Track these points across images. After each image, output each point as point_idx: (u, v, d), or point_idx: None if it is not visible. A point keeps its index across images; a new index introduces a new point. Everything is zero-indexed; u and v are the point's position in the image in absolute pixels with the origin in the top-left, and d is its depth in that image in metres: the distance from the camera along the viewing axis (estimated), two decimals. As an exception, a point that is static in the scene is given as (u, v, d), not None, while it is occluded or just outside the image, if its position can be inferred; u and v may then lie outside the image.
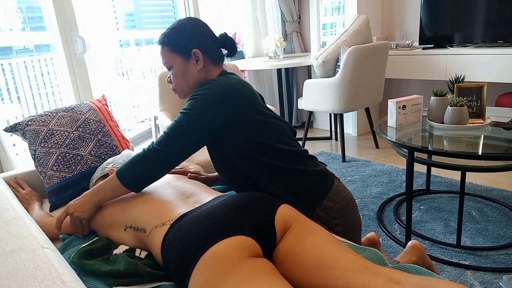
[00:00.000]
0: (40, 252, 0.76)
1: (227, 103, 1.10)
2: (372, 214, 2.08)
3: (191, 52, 1.19)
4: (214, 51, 1.23)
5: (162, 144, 1.08)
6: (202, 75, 1.22)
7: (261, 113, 1.16)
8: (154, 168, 1.08)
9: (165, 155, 1.07)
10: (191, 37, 1.19)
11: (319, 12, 3.50)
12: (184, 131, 1.08)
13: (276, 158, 1.15)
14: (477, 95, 1.68)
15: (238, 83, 1.15)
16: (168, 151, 1.07)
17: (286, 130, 1.22)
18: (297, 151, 1.19)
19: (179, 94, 1.27)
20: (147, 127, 3.79)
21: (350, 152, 3.13)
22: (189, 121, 1.08)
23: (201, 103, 1.09)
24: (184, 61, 1.20)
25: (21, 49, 3.00)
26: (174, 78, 1.23)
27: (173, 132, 1.08)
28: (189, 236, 0.87)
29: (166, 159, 1.08)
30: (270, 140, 1.15)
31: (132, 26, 4.29)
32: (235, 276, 0.78)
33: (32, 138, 1.51)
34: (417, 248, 1.24)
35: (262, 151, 1.14)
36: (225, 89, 1.11)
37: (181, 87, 1.24)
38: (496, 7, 2.69)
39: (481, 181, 2.38)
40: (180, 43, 1.19)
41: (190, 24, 1.22)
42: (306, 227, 0.94)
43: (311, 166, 1.19)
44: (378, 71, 2.83)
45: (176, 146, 1.08)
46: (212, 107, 1.09)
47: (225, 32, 1.27)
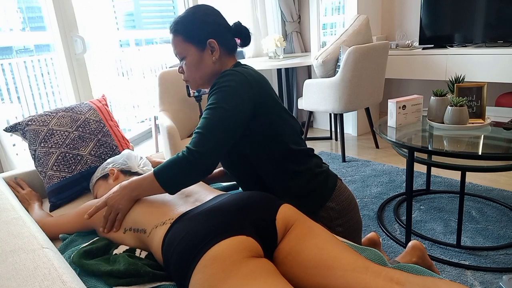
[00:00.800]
0: (40, 252, 0.76)
1: (251, 92, 1.07)
2: (372, 214, 2.08)
3: (207, 42, 1.13)
4: (228, 41, 1.18)
5: (199, 144, 1.01)
6: (217, 66, 1.17)
7: (279, 106, 1.15)
8: (194, 170, 1.01)
9: (204, 156, 1.01)
10: (206, 26, 1.13)
11: (319, 12, 3.49)
12: (218, 126, 1.02)
13: (286, 156, 1.14)
14: (477, 95, 1.68)
15: (257, 74, 1.14)
16: (205, 151, 1.01)
17: (297, 128, 1.21)
18: (304, 149, 1.19)
19: (191, 85, 1.22)
20: (147, 127, 3.79)
21: (350, 152, 3.13)
22: (220, 115, 1.02)
23: (226, 95, 1.04)
24: (199, 51, 1.14)
25: (21, 49, 3.00)
26: (187, 69, 1.17)
27: (206, 129, 1.02)
28: (190, 235, 0.86)
29: (206, 160, 1.01)
30: (284, 136, 1.14)
31: (132, 26, 4.29)
32: (235, 276, 0.78)
33: (32, 138, 1.51)
34: (418, 248, 1.23)
35: (275, 147, 1.13)
36: (248, 79, 1.08)
37: (194, 78, 1.18)
38: (496, 7, 2.69)
39: (481, 181, 2.38)
40: (194, 32, 1.13)
41: (204, 11, 1.15)
42: (307, 227, 0.94)
43: (316, 166, 1.20)
44: (378, 71, 2.83)
45: (213, 143, 1.02)
46: (238, 98, 1.05)
47: (239, 21, 1.21)
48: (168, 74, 2.36)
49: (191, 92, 2.21)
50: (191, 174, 1.02)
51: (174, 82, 2.35)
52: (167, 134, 2.00)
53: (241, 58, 3.82)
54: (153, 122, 3.11)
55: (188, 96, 2.21)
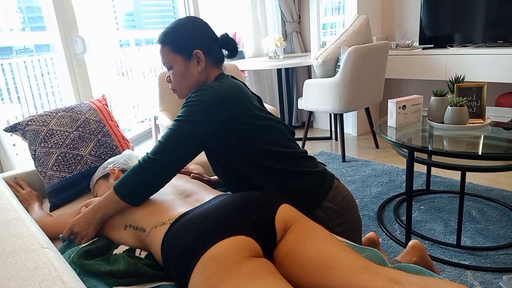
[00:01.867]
0: (40, 252, 0.76)
1: (222, 108, 1.08)
2: (372, 214, 2.08)
3: (193, 52, 1.17)
4: (215, 52, 1.22)
5: (158, 153, 1.04)
6: (203, 76, 1.20)
7: (256, 116, 1.14)
8: (152, 179, 1.04)
9: (161, 165, 1.04)
10: (192, 37, 1.17)
11: (319, 12, 3.49)
12: (181, 139, 1.05)
13: (274, 160, 1.14)
14: (477, 95, 1.68)
15: (232, 87, 1.13)
16: (165, 160, 1.04)
17: (283, 132, 1.21)
18: (295, 152, 1.18)
19: (178, 94, 1.25)
20: (147, 127, 3.79)
21: (350, 152, 3.13)
22: (184, 129, 1.06)
23: (196, 109, 1.07)
24: (185, 61, 1.18)
25: (21, 49, 3.00)
26: (174, 78, 1.21)
27: (169, 140, 1.05)
28: (189, 235, 0.86)
29: (163, 169, 1.04)
30: (267, 143, 1.14)
31: (132, 26, 4.29)
32: (235, 276, 0.78)
33: (32, 138, 1.51)
34: (418, 248, 1.24)
35: (259, 154, 1.13)
36: (219, 93, 1.09)
37: (181, 87, 1.22)
38: (496, 7, 2.69)
39: (481, 181, 2.38)
40: (181, 43, 1.17)
41: (192, 23, 1.19)
42: (307, 227, 0.94)
43: (310, 167, 1.19)
44: (378, 71, 2.83)
45: (173, 154, 1.04)
46: (207, 113, 1.06)
47: (226, 32, 1.25)
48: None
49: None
50: (149, 183, 1.04)
51: (174, 82, 2.35)
52: (167, 134, 1.99)
53: (241, 58, 3.82)
54: (153, 122, 3.11)
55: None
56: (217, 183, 1.42)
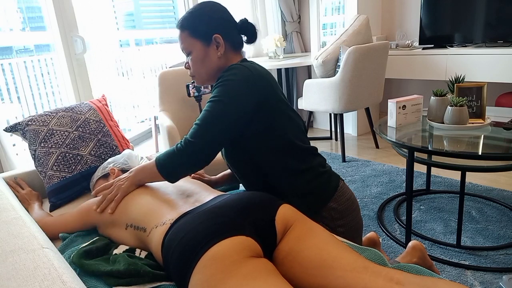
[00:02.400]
0: (40, 252, 0.76)
1: (255, 88, 1.07)
2: (372, 214, 2.08)
3: (212, 37, 1.15)
4: (234, 37, 1.19)
5: (196, 135, 1.05)
6: (222, 61, 1.18)
7: (282, 103, 1.15)
8: (192, 161, 1.05)
9: (201, 147, 1.04)
10: (212, 22, 1.15)
11: (319, 12, 3.49)
12: (217, 120, 1.05)
13: (292, 155, 1.14)
14: (477, 95, 1.68)
15: (263, 70, 1.14)
16: (203, 143, 1.04)
17: (300, 126, 1.21)
18: (309, 147, 1.19)
19: (197, 80, 1.23)
20: (147, 127, 3.79)
21: (350, 152, 3.13)
22: (220, 109, 1.05)
23: (230, 89, 1.06)
24: (205, 46, 1.16)
25: (21, 49, 3.00)
26: (193, 64, 1.19)
27: (205, 122, 1.05)
28: (190, 236, 0.86)
29: (203, 151, 1.05)
30: (288, 133, 1.14)
31: (132, 26, 4.29)
32: (235, 277, 0.78)
33: (32, 138, 1.51)
34: (418, 249, 1.23)
35: (278, 144, 1.13)
36: (252, 74, 1.08)
37: (200, 73, 1.20)
38: (496, 7, 2.69)
39: (481, 181, 2.38)
40: (200, 27, 1.15)
41: (210, 8, 1.17)
42: (307, 227, 0.94)
43: (320, 166, 1.20)
44: (378, 71, 2.83)
45: (210, 136, 1.05)
46: (241, 92, 1.06)
47: (245, 18, 1.23)
48: (168, 74, 2.36)
49: (191, 92, 2.21)
50: (188, 164, 1.06)
51: (174, 82, 2.35)
52: (167, 134, 2.00)
53: (241, 58, 3.81)
54: (153, 122, 3.11)
55: (188, 96, 2.21)
56: (218, 182, 1.42)
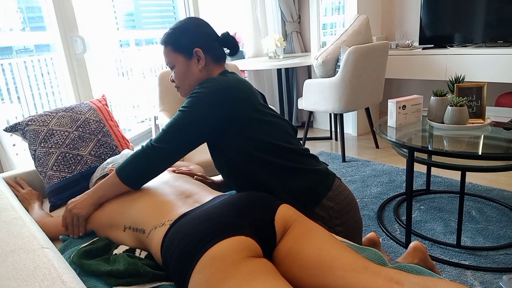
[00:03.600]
0: (40, 252, 0.76)
1: (225, 101, 1.11)
2: (372, 214, 2.08)
3: (193, 51, 1.21)
4: (215, 50, 1.25)
5: (161, 140, 1.10)
6: (204, 74, 1.24)
7: (259, 112, 1.17)
8: (153, 164, 1.10)
9: (163, 152, 1.09)
10: (192, 36, 1.21)
11: (319, 12, 3.49)
12: (183, 128, 1.10)
13: (276, 155, 1.15)
14: (477, 95, 1.68)
15: (237, 82, 1.17)
16: (166, 148, 1.09)
17: (286, 129, 1.22)
18: (297, 149, 1.19)
19: (181, 92, 1.29)
20: (147, 127, 3.78)
21: (350, 152, 3.13)
22: (187, 119, 1.10)
23: (199, 101, 1.11)
24: (186, 60, 1.22)
25: (21, 49, 2.99)
26: (177, 77, 1.25)
27: (171, 129, 1.10)
28: (189, 236, 0.86)
29: (164, 156, 1.10)
30: (270, 138, 1.15)
31: (132, 26, 4.29)
32: (235, 276, 0.78)
33: (32, 138, 1.51)
34: (419, 250, 1.23)
35: (261, 149, 1.14)
36: (223, 86, 1.13)
37: (184, 85, 1.26)
38: (496, 7, 2.69)
39: (481, 181, 2.38)
40: (182, 42, 1.21)
41: (192, 23, 1.23)
42: (306, 227, 0.94)
43: (311, 164, 1.20)
44: (378, 71, 2.83)
45: (174, 142, 1.10)
46: (210, 105, 1.10)
47: (227, 31, 1.28)
48: (168, 74, 2.35)
49: (191, 92, 2.20)
50: (149, 168, 1.10)
51: (174, 82, 2.35)
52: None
53: (241, 58, 3.82)
54: (153, 122, 3.11)
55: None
56: (221, 185, 1.43)
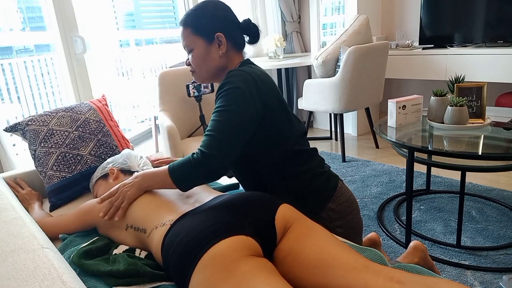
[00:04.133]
0: (40, 252, 0.76)
1: (259, 94, 1.07)
2: (372, 214, 2.08)
3: (215, 35, 1.14)
4: (237, 37, 1.19)
5: (213, 147, 1.02)
6: (223, 60, 1.18)
7: (285, 108, 1.15)
8: (209, 173, 1.03)
9: (218, 159, 1.01)
10: (215, 20, 1.15)
11: (319, 12, 3.49)
12: (229, 129, 1.03)
13: (289, 158, 1.14)
14: (477, 95, 1.68)
15: (264, 75, 1.13)
16: (219, 154, 1.01)
17: (301, 130, 1.21)
18: (308, 150, 1.19)
19: (196, 77, 1.23)
20: (147, 127, 3.79)
21: (350, 152, 3.13)
22: (230, 118, 1.03)
23: (235, 96, 1.05)
24: (206, 44, 1.15)
25: (21, 49, 3.00)
26: (194, 61, 1.18)
27: (219, 132, 1.03)
28: (190, 236, 0.86)
29: (220, 162, 1.02)
30: (289, 138, 1.14)
31: (132, 26, 4.29)
32: (236, 275, 0.78)
33: (32, 138, 1.51)
34: (420, 249, 1.23)
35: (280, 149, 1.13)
36: (255, 80, 1.08)
37: (201, 71, 1.19)
38: (496, 7, 2.69)
39: (481, 181, 2.38)
40: (203, 25, 1.14)
41: (214, 6, 1.17)
42: (307, 227, 0.94)
43: (319, 166, 1.20)
44: (378, 71, 2.83)
45: (227, 146, 1.03)
46: (246, 98, 1.05)
47: (248, 18, 1.22)
48: (168, 74, 2.35)
49: (191, 92, 2.21)
50: (203, 176, 1.03)
51: (174, 82, 2.35)
52: (167, 134, 2.00)
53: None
54: (153, 122, 3.11)
55: (188, 96, 2.21)
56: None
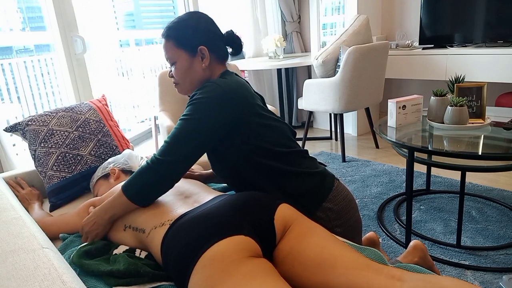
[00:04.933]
0: (40, 252, 0.76)
1: (227, 106, 1.07)
2: (372, 214, 2.08)
3: (198, 49, 1.15)
4: (220, 49, 1.20)
5: (165, 153, 1.03)
6: (207, 73, 1.19)
7: (260, 116, 1.14)
8: (160, 180, 1.03)
9: (170, 165, 1.02)
10: (197, 33, 1.15)
11: (319, 12, 3.50)
12: (187, 138, 1.03)
13: (276, 160, 1.14)
14: (477, 95, 1.68)
15: (237, 85, 1.13)
16: (172, 160, 1.02)
17: (286, 132, 1.20)
18: (297, 152, 1.18)
19: (180, 89, 1.23)
20: (147, 127, 3.79)
21: (350, 152, 3.13)
22: (190, 127, 1.04)
23: (201, 107, 1.05)
24: (189, 57, 1.16)
25: (21, 49, 2.99)
26: (177, 74, 1.19)
27: (175, 139, 1.04)
28: (189, 236, 0.86)
29: (172, 169, 1.03)
30: (270, 143, 1.13)
31: (132, 26, 4.29)
32: (235, 276, 0.78)
33: (32, 138, 1.51)
34: (419, 249, 1.23)
35: (261, 154, 1.12)
36: (225, 91, 1.08)
37: (184, 83, 1.20)
38: (496, 7, 2.69)
39: (481, 181, 2.38)
40: (186, 38, 1.15)
41: (197, 18, 1.17)
42: (307, 227, 0.94)
43: (311, 167, 1.19)
44: (378, 71, 2.83)
45: (180, 154, 1.03)
46: (212, 110, 1.05)
47: (231, 29, 1.23)
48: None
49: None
50: (157, 184, 1.04)
51: (174, 82, 2.35)
52: (167, 134, 2.00)
53: (241, 58, 3.82)
54: (153, 122, 3.11)
55: (188, 96, 2.21)
56: (210, 177, 1.41)
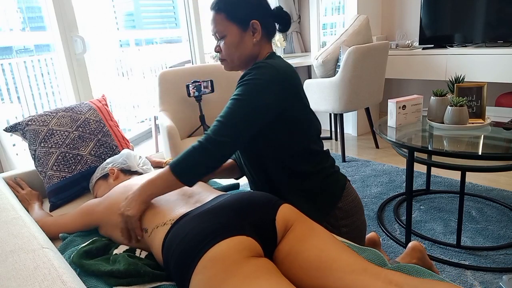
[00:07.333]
0: (40, 252, 0.76)
1: (280, 89, 1.05)
2: (372, 214, 2.08)
3: (250, 23, 1.12)
4: (270, 25, 1.16)
5: (220, 133, 1.00)
6: (256, 48, 1.15)
7: (306, 106, 1.13)
8: (213, 159, 1.01)
9: (224, 146, 1.00)
10: (250, 6, 1.12)
11: (319, 12, 3.49)
12: (239, 118, 1.01)
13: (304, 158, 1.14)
14: (477, 95, 1.68)
15: (288, 68, 1.10)
16: (227, 142, 1.00)
17: (318, 130, 1.20)
18: (322, 150, 1.19)
19: (226, 65, 1.19)
20: (147, 127, 3.79)
21: (350, 152, 3.13)
22: (242, 108, 1.02)
23: (253, 88, 1.03)
24: (241, 31, 1.12)
25: (21, 49, 3.00)
26: (226, 48, 1.15)
27: (229, 119, 1.01)
28: (190, 236, 0.86)
29: (225, 149, 1.01)
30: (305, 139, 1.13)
31: (132, 26, 4.29)
32: (236, 276, 0.78)
33: (32, 138, 1.51)
34: (418, 250, 1.23)
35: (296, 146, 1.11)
36: (278, 72, 1.05)
37: (232, 58, 1.16)
38: (496, 7, 2.69)
39: (481, 181, 2.38)
40: (238, 11, 1.11)
41: None
42: (307, 227, 0.94)
43: (331, 167, 1.20)
44: (378, 71, 2.83)
45: (234, 133, 1.01)
46: (266, 93, 1.03)
47: (280, 5, 1.20)
48: (168, 74, 2.35)
49: (191, 92, 2.21)
50: (207, 162, 1.01)
51: (174, 82, 2.35)
52: (167, 134, 2.00)
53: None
54: (153, 122, 3.11)
55: (188, 96, 2.21)
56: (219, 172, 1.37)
